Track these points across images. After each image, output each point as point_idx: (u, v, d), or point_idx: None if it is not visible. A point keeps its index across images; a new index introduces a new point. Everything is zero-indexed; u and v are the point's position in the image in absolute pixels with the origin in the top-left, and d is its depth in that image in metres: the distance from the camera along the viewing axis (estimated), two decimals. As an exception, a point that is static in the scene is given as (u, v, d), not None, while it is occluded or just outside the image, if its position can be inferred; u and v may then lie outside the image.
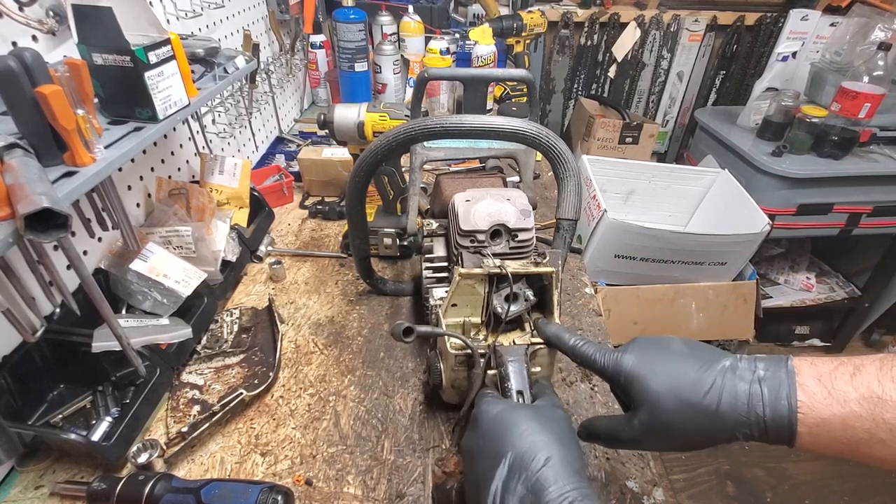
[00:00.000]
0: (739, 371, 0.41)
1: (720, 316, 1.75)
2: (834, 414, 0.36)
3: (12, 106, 0.51)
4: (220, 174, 0.98)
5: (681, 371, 0.43)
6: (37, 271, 0.57)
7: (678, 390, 0.42)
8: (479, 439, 0.46)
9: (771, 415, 0.38)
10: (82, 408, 0.68)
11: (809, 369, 0.39)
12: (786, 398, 0.38)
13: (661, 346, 0.46)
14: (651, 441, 0.45)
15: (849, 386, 0.37)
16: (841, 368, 0.38)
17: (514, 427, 0.44)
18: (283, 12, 1.35)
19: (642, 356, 0.45)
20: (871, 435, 0.35)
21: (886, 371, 0.36)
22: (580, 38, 2.32)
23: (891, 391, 0.35)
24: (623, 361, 0.46)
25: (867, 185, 1.77)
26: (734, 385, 0.40)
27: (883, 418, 0.35)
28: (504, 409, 0.47)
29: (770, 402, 0.38)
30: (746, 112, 1.97)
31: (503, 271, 0.58)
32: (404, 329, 0.57)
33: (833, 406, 0.37)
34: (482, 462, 0.44)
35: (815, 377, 0.38)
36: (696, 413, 0.41)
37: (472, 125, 0.62)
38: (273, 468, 0.63)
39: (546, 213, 1.15)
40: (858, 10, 1.86)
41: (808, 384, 0.38)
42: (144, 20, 0.62)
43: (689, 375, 0.42)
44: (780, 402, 0.38)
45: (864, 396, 0.36)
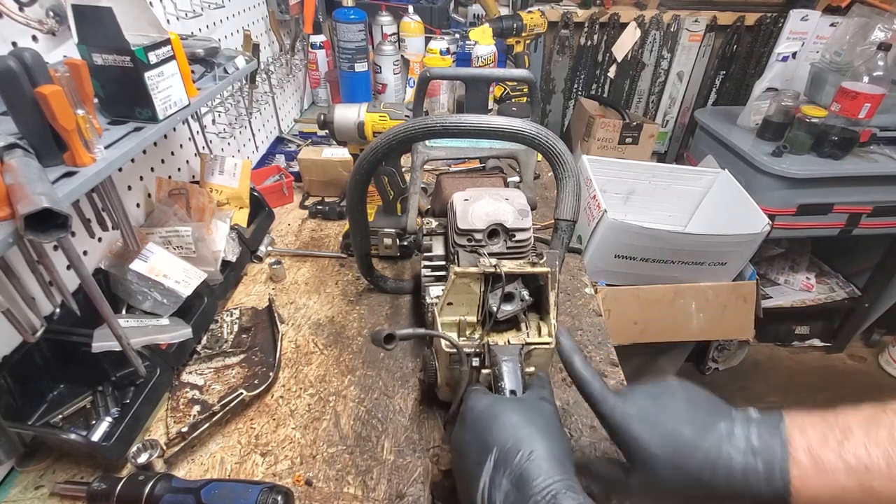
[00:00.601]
0: (735, 440, 0.41)
1: (720, 316, 1.75)
2: (824, 488, 0.37)
3: (12, 106, 0.51)
4: (220, 174, 0.98)
5: (677, 434, 0.43)
6: (37, 271, 0.57)
7: (674, 459, 0.42)
8: (465, 434, 0.47)
9: (767, 490, 0.39)
10: (82, 408, 0.68)
11: (800, 438, 0.39)
12: (779, 472, 0.38)
13: (660, 404, 0.45)
14: (646, 499, 0.45)
15: (837, 458, 0.37)
16: (830, 435, 0.38)
17: (499, 421, 0.44)
18: (283, 12, 1.35)
19: (641, 414, 0.45)
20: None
21: (873, 434, 0.36)
22: (580, 39, 2.32)
23: (877, 457, 0.35)
24: (624, 419, 0.45)
25: (867, 186, 1.77)
26: (729, 457, 0.40)
27: (872, 487, 0.35)
28: (490, 403, 0.47)
29: (765, 478, 0.39)
30: (746, 112, 1.97)
31: (499, 270, 0.58)
32: (385, 336, 0.57)
33: (823, 481, 0.37)
34: (469, 457, 0.44)
35: (805, 448, 0.38)
36: (692, 481, 0.41)
37: (473, 125, 0.62)
38: (273, 468, 0.63)
39: (546, 213, 1.15)
40: (858, 10, 1.86)
41: (800, 457, 0.38)
42: (144, 20, 0.62)
43: (686, 440, 0.42)
44: (773, 478, 0.38)
45: (852, 467, 0.36)
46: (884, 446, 0.36)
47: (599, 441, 0.67)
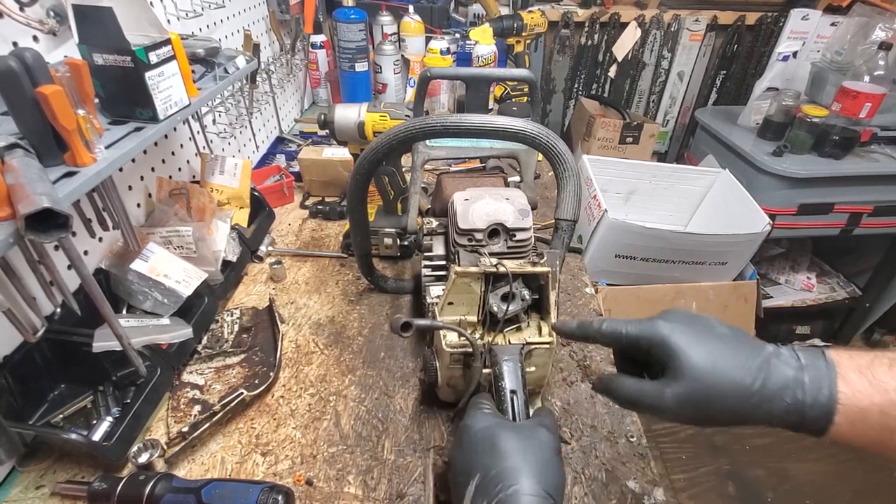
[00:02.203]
0: (783, 357, 0.41)
1: (721, 316, 1.74)
2: (874, 403, 0.37)
3: (13, 106, 0.51)
4: (221, 174, 0.98)
5: (727, 351, 0.42)
6: (37, 271, 0.57)
7: (726, 370, 0.41)
8: (456, 452, 0.46)
9: (811, 402, 0.39)
10: (83, 408, 0.68)
11: (849, 361, 0.39)
12: (827, 388, 0.38)
13: (703, 324, 0.45)
14: (682, 412, 0.43)
15: (888, 376, 0.37)
16: (878, 360, 0.39)
17: (490, 447, 0.43)
18: (283, 12, 1.35)
19: (684, 328, 0.44)
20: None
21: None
22: (580, 38, 2.32)
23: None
24: (663, 329, 0.44)
25: (868, 185, 1.76)
26: (781, 371, 0.40)
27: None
28: (487, 426, 0.46)
29: (811, 390, 0.39)
30: (747, 112, 1.97)
31: (500, 270, 0.58)
32: (402, 324, 0.57)
33: (874, 395, 0.37)
34: (458, 476, 0.44)
35: (856, 368, 0.39)
36: (740, 394, 0.40)
37: (473, 124, 0.62)
38: (273, 468, 0.63)
39: (546, 212, 1.15)
40: (859, 9, 1.86)
41: (849, 375, 0.39)
42: (145, 20, 0.62)
43: (738, 357, 0.42)
44: (821, 392, 0.39)
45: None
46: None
47: (600, 441, 0.67)
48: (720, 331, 0.44)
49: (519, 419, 0.51)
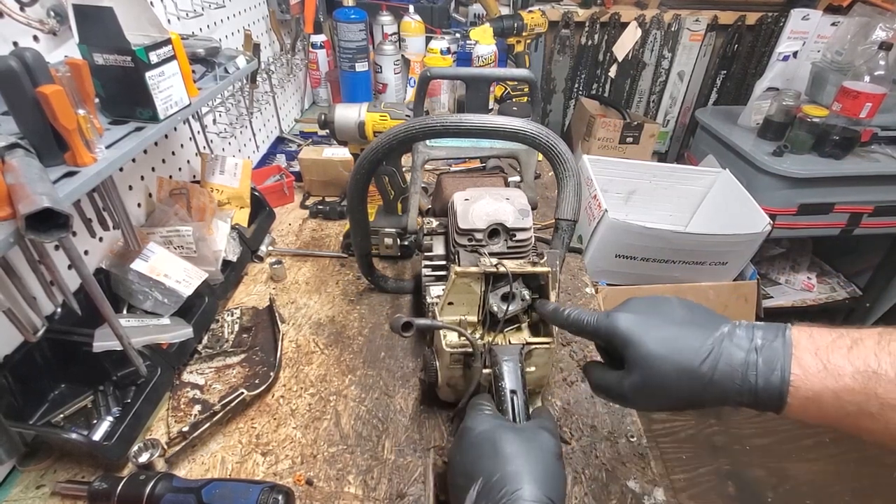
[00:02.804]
0: (736, 339, 0.41)
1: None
2: (827, 388, 0.37)
3: (13, 106, 0.51)
4: (221, 174, 0.98)
5: (678, 336, 0.42)
6: (38, 271, 0.57)
7: (674, 356, 0.41)
8: (457, 454, 0.46)
9: (763, 385, 0.38)
10: (83, 407, 0.68)
11: (807, 342, 0.39)
12: (780, 370, 0.38)
13: (659, 310, 0.45)
14: (638, 400, 0.45)
15: (845, 360, 0.37)
16: (839, 341, 0.38)
17: (492, 451, 0.43)
18: (283, 12, 1.35)
19: (639, 318, 0.45)
20: (861, 409, 0.36)
21: (885, 345, 0.36)
22: (581, 38, 2.32)
23: (886, 366, 0.35)
24: (619, 321, 0.45)
25: (868, 185, 1.76)
26: (731, 353, 0.40)
27: (875, 392, 0.35)
28: (488, 428, 0.46)
29: (764, 373, 0.38)
30: (747, 112, 1.97)
31: (500, 270, 0.58)
32: (403, 323, 0.57)
33: (827, 380, 0.37)
34: (458, 478, 0.44)
35: (813, 350, 0.38)
36: (691, 379, 0.41)
37: (473, 124, 0.62)
38: (274, 468, 0.63)
39: (547, 212, 1.15)
40: (859, 9, 1.86)
41: (805, 357, 0.38)
42: (145, 20, 0.62)
43: (687, 341, 0.42)
44: (773, 374, 0.38)
45: (860, 370, 0.36)
46: (894, 356, 0.35)
47: (600, 441, 0.67)
48: (678, 314, 0.44)
49: (519, 419, 0.51)
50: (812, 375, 0.37)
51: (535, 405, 0.64)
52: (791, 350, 0.38)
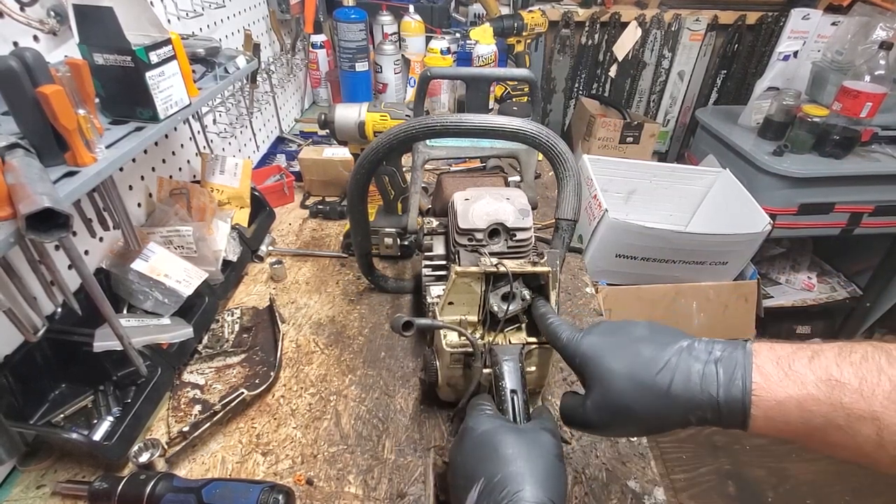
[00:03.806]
0: (695, 352, 0.40)
1: (721, 316, 1.75)
2: (790, 396, 0.35)
3: (13, 106, 0.51)
4: (221, 174, 0.98)
5: (636, 352, 0.42)
6: (38, 271, 0.57)
7: (631, 370, 0.41)
8: (458, 455, 0.46)
9: (724, 395, 0.37)
10: (84, 407, 0.68)
11: (768, 352, 0.38)
12: (741, 378, 0.37)
13: (622, 330, 0.45)
14: (603, 423, 0.44)
15: (807, 368, 0.36)
16: (800, 352, 0.37)
17: (494, 451, 0.43)
18: (283, 12, 1.35)
19: (601, 338, 0.45)
20: (828, 420, 0.34)
21: (845, 356, 0.35)
22: (581, 38, 2.32)
23: (849, 376, 0.34)
24: (582, 342, 0.46)
25: (869, 185, 1.76)
26: (688, 365, 0.39)
27: (841, 402, 0.34)
28: (489, 429, 0.46)
29: (724, 382, 0.38)
30: (747, 111, 1.97)
31: (500, 270, 0.58)
32: (404, 323, 0.57)
33: (790, 387, 0.36)
34: (458, 480, 0.44)
35: (774, 359, 0.37)
36: (648, 393, 0.40)
37: (473, 124, 0.62)
38: (274, 468, 0.63)
39: (547, 212, 1.15)
40: (860, 9, 1.86)
41: (766, 366, 0.37)
42: (145, 20, 0.62)
43: (644, 356, 0.41)
44: (734, 383, 0.37)
45: (822, 379, 0.35)
46: (857, 366, 0.34)
47: (600, 440, 0.67)
48: (637, 334, 0.44)
49: (520, 419, 0.51)
50: (774, 383, 0.36)
51: (535, 405, 0.64)
52: (752, 359, 0.38)
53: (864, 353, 0.35)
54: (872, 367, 0.34)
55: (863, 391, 0.33)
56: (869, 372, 0.34)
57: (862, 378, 0.34)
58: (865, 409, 0.33)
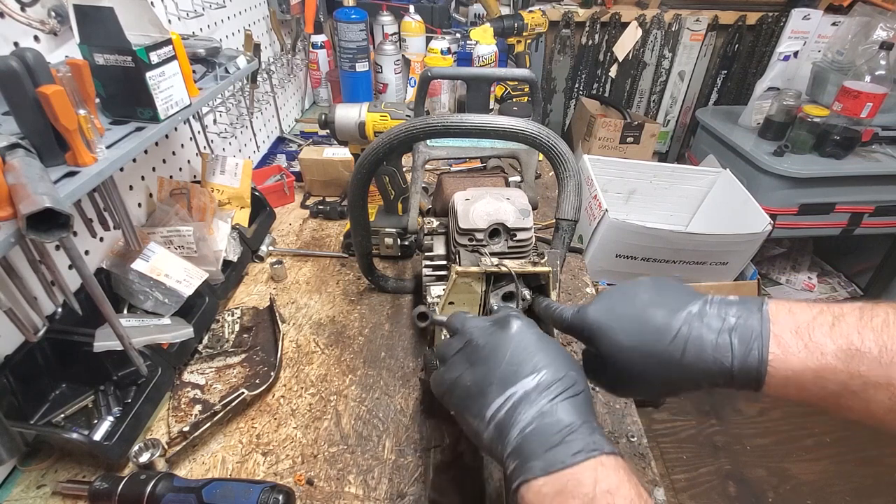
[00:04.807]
0: (707, 318, 0.39)
1: (721, 316, 1.75)
2: (808, 367, 0.35)
3: (14, 106, 0.51)
4: (222, 174, 0.98)
5: (644, 321, 0.41)
6: (39, 271, 0.57)
7: (641, 342, 0.40)
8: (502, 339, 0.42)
9: (739, 366, 0.36)
10: (84, 407, 0.68)
11: (787, 318, 0.37)
12: (757, 349, 0.36)
13: (627, 296, 0.44)
14: (621, 390, 0.45)
15: (827, 338, 0.35)
16: (820, 318, 0.36)
17: (550, 350, 0.41)
18: (284, 12, 1.35)
19: (607, 307, 0.44)
20: (844, 387, 0.34)
21: (867, 321, 0.34)
22: (581, 38, 2.32)
23: (870, 343, 0.34)
24: (588, 315, 0.44)
25: (869, 185, 1.76)
26: (700, 335, 0.38)
27: (858, 371, 0.33)
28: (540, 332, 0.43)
29: (740, 354, 0.36)
30: (748, 112, 1.97)
31: (501, 270, 0.58)
32: (419, 313, 0.57)
33: (808, 359, 0.35)
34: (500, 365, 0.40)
35: (793, 328, 0.36)
36: (660, 364, 0.39)
37: (474, 124, 0.62)
38: (274, 468, 0.63)
39: (547, 212, 1.15)
40: (860, 9, 1.86)
41: (784, 336, 0.36)
42: (146, 20, 0.62)
43: (653, 325, 0.40)
44: (750, 354, 0.36)
45: (842, 349, 0.34)
46: (878, 332, 0.34)
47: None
48: (643, 298, 0.42)
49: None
50: (792, 355, 0.35)
51: None
52: (769, 327, 0.36)
53: (886, 318, 0.34)
54: (894, 333, 0.34)
55: (881, 359, 0.33)
56: (890, 338, 0.33)
57: (882, 345, 0.33)
58: (882, 376, 0.33)
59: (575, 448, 0.35)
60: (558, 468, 0.35)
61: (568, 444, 0.35)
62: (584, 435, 0.36)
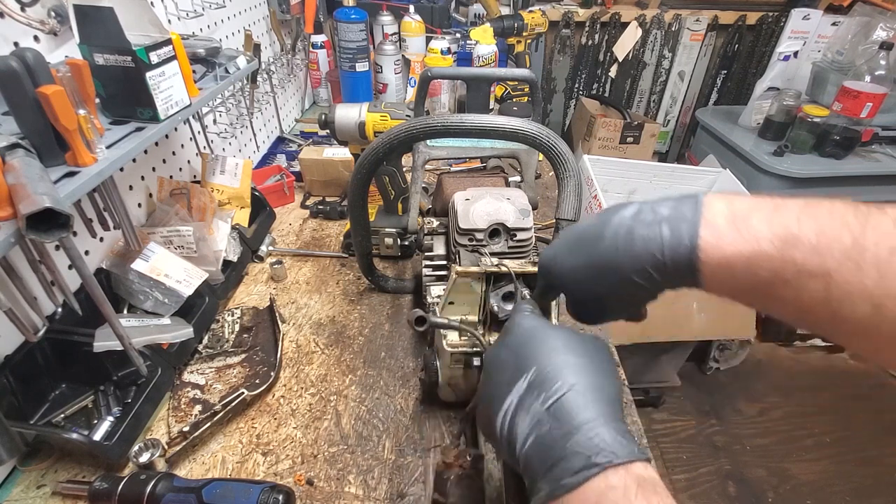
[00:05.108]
0: (641, 215, 0.37)
1: (722, 315, 1.74)
2: (739, 252, 0.33)
3: (14, 106, 0.51)
4: (222, 174, 0.98)
5: (582, 236, 0.40)
6: (38, 271, 0.57)
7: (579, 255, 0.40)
8: (502, 350, 0.43)
9: (671, 255, 0.35)
10: (84, 407, 0.68)
11: (723, 206, 0.34)
12: (688, 236, 0.34)
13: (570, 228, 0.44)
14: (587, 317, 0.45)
15: (763, 224, 0.33)
16: (760, 206, 0.34)
17: (545, 343, 0.40)
18: (284, 12, 1.35)
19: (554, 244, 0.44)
20: (777, 275, 0.32)
21: (811, 210, 0.32)
22: (581, 38, 2.32)
23: (808, 230, 0.31)
24: (541, 258, 0.45)
25: (869, 185, 1.76)
26: (632, 230, 0.37)
27: (793, 258, 0.31)
28: (539, 324, 0.43)
29: (670, 242, 0.35)
30: (748, 112, 1.97)
31: (501, 269, 0.58)
32: (417, 318, 0.57)
33: (740, 244, 0.33)
34: (500, 375, 0.40)
35: (728, 215, 0.34)
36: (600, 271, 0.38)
37: (474, 124, 0.62)
38: (274, 468, 0.63)
39: (547, 212, 1.15)
40: (860, 9, 1.86)
41: (718, 222, 0.34)
42: (146, 20, 0.62)
43: (589, 235, 0.40)
44: (681, 242, 0.34)
45: (778, 235, 0.32)
46: (819, 220, 0.31)
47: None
48: (582, 224, 0.42)
49: None
50: (725, 240, 0.33)
51: None
52: (701, 214, 0.34)
53: (832, 209, 0.32)
54: (836, 223, 0.31)
55: (819, 247, 0.31)
56: (831, 227, 0.31)
57: (821, 232, 0.31)
58: (818, 264, 0.30)
59: (576, 464, 0.32)
60: (561, 493, 0.32)
61: (567, 460, 0.33)
62: (586, 441, 0.33)
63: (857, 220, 0.30)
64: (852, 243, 0.30)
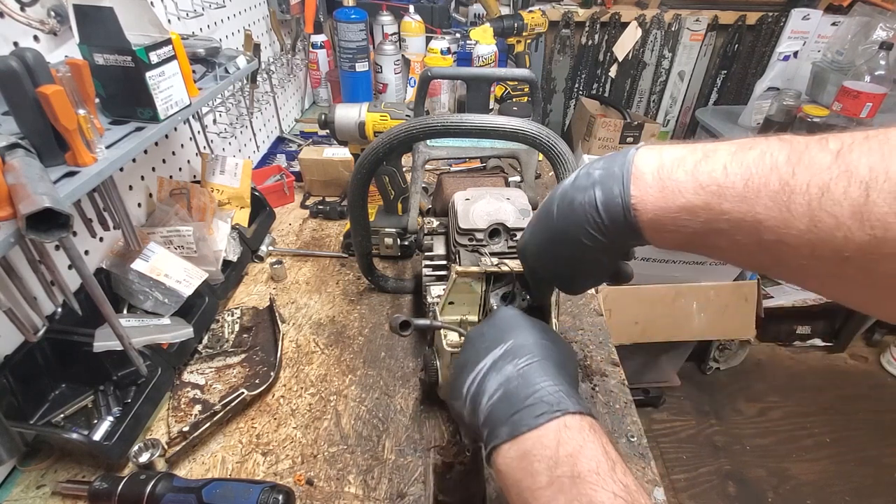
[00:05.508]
0: (578, 181, 0.37)
1: (721, 316, 1.75)
2: (665, 208, 0.32)
3: (14, 106, 0.51)
4: (222, 174, 0.98)
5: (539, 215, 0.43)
6: (38, 271, 0.57)
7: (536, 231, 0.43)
8: (485, 326, 0.47)
9: (607, 217, 0.35)
10: (84, 407, 0.68)
11: (653, 159, 0.34)
12: (620, 196, 0.34)
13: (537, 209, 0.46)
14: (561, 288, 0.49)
15: (689, 175, 0.31)
16: (689, 156, 0.32)
17: (522, 326, 0.44)
18: (283, 12, 1.35)
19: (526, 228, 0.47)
20: (709, 226, 0.31)
21: (741, 154, 0.30)
22: (581, 38, 2.32)
23: (735, 176, 0.30)
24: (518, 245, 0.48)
25: (869, 185, 1.76)
26: (571, 198, 0.37)
27: (721, 208, 0.30)
28: (520, 314, 0.47)
29: (604, 204, 0.35)
30: (748, 112, 1.97)
31: (501, 269, 0.58)
32: (401, 322, 0.57)
33: (665, 199, 0.32)
34: (480, 343, 0.44)
35: (655, 168, 0.33)
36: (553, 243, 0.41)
37: (474, 124, 0.62)
38: (274, 468, 0.63)
39: (547, 212, 1.15)
40: (860, 9, 1.86)
41: (645, 177, 0.33)
42: (146, 20, 0.62)
43: (543, 213, 0.42)
44: (613, 202, 0.34)
45: (703, 185, 0.31)
46: (747, 166, 0.30)
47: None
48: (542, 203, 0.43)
49: None
50: (650, 196, 0.33)
51: None
52: (630, 171, 0.34)
53: (764, 150, 0.30)
54: (765, 166, 0.29)
55: (746, 195, 0.29)
56: (759, 171, 0.29)
57: (748, 178, 0.29)
58: (746, 212, 0.29)
59: (538, 410, 0.36)
60: (522, 431, 0.36)
61: (532, 407, 0.37)
62: (548, 396, 0.37)
63: (789, 161, 0.28)
64: (780, 187, 0.28)
